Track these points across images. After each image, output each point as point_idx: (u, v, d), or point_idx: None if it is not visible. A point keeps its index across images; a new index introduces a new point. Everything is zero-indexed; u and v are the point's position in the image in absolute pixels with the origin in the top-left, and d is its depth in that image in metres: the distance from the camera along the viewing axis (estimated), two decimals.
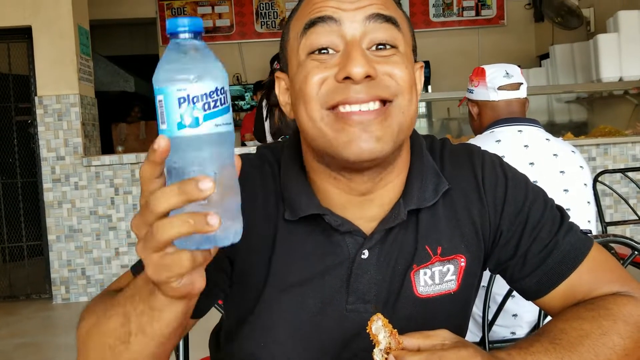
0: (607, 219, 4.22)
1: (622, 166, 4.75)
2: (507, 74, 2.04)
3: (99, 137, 5.32)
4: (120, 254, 4.89)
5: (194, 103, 0.59)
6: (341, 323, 0.93)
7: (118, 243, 4.88)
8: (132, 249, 4.86)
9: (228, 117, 0.62)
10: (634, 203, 4.68)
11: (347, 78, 0.80)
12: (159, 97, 0.61)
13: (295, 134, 0.96)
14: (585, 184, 1.92)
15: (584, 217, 1.88)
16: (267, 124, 4.71)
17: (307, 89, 0.83)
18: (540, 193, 1.00)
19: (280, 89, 0.96)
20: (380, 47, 0.84)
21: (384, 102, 0.83)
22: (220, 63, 0.63)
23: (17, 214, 5.15)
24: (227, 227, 0.62)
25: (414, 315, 0.93)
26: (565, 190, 1.85)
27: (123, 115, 8.02)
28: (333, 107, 0.82)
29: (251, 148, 5.02)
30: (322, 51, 0.84)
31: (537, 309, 1.74)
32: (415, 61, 0.92)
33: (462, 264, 0.95)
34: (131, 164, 4.84)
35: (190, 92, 0.59)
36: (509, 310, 1.79)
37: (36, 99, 4.84)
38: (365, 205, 0.91)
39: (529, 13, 8.22)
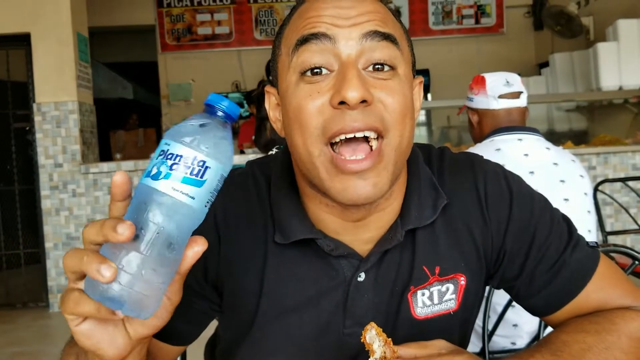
0: (608, 229, 4.21)
1: (622, 175, 4.74)
2: (508, 82, 2.03)
3: (97, 145, 5.30)
4: None
5: (166, 158, 0.59)
6: (339, 347, 0.90)
7: None
8: None
9: (195, 190, 0.60)
10: (634, 212, 4.66)
11: (342, 102, 0.75)
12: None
13: (286, 151, 0.90)
14: (585, 193, 1.90)
15: (584, 226, 1.86)
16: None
17: (304, 119, 0.78)
18: (547, 207, 0.95)
19: (271, 104, 0.90)
20: (377, 67, 0.78)
21: (377, 132, 0.77)
22: (231, 152, 0.63)
23: (15, 221, 5.13)
24: (135, 297, 0.58)
25: (412, 337, 0.87)
26: (565, 199, 1.84)
27: (121, 122, 8.02)
28: (330, 138, 0.77)
29: (249, 156, 5.00)
30: (315, 71, 0.78)
31: (537, 319, 1.73)
32: (414, 76, 0.88)
33: (462, 282, 0.91)
34: (129, 171, 4.82)
35: (171, 149, 0.60)
36: (509, 320, 1.77)
37: (34, 105, 4.82)
38: (360, 229, 0.87)
39: (529, 21, 8.23)
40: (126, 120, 8.06)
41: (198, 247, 0.63)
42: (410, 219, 0.87)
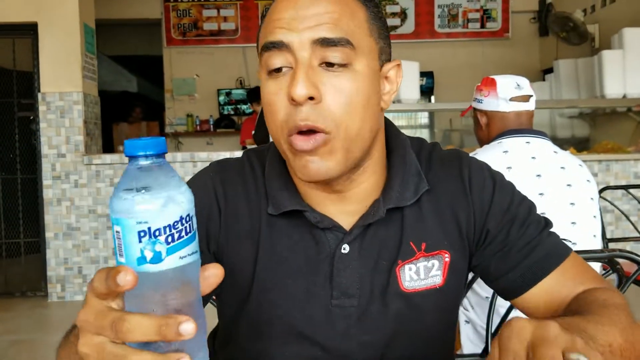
0: (608, 236, 4.21)
1: (623, 183, 4.74)
2: (518, 85, 2.04)
3: (100, 136, 5.30)
4: None
5: (155, 237, 0.54)
6: (329, 318, 0.94)
7: None
8: None
9: (194, 245, 0.57)
10: (635, 220, 4.66)
11: (294, 100, 0.82)
12: (116, 228, 0.54)
13: None
14: (591, 198, 1.91)
15: (589, 231, 1.87)
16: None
17: (272, 114, 0.87)
18: (525, 198, 1.02)
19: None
20: (329, 64, 0.84)
21: (323, 131, 0.84)
22: (185, 185, 0.57)
23: (16, 210, 5.13)
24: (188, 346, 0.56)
25: (402, 310, 0.95)
26: (571, 203, 1.84)
27: (124, 115, 8.02)
28: (288, 132, 0.85)
29: None
30: (277, 69, 0.86)
31: None
32: (385, 61, 0.92)
33: (447, 259, 0.97)
34: None
35: (152, 225, 0.54)
36: None
37: (39, 95, 4.82)
38: (343, 201, 0.94)
39: (534, 27, 8.25)
40: (129, 114, 8.07)
41: (215, 270, 0.62)
42: (391, 199, 0.94)
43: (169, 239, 0.54)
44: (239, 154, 4.99)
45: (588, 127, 6.23)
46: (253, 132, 6.12)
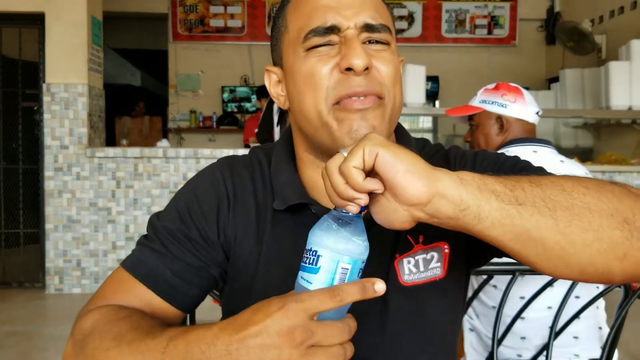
0: None
1: None
2: (532, 99, 2.08)
3: (104, 129, 5.29)
4: (117, 247, 4.85)
5: (359, 274, 0.72)
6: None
7: (116, 237, 4.85)
8: (129, 244, 4.83)
9: None
10: None
11: (348, 69, 0.86)
12: (344, 265, 0.70)
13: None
14: None
15: None
16: (277, 130, 4.71)
17: (317, 81, 0.88)
18: (516, 157, 0.99)
19: (272, 82, 1.01)
20: (373, 41, 0.90)
21: (378, 96, 0.88)
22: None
23: (17, 200, 5.12)
24: None
25: (403, 304, 0.93)
26: None
27: (127, 109, 8.01)
28: (338, 102, 0.87)
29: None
30: (322, 45, 0.89)
31: (546, 333, 1.72)
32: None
33: (447, 250, 0.95)
34: (135, 157, 4.82)
35: (363, 266, 0.72)
36: (517, 332, 1.77)
37: (44, 86, 4.81)
38: None
39: (541, 35, 8.24)
40: (132, 108, 8.05)
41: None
42: None
43: (361, 275, 0.72)
44: (242, 151, 4.97)
45: (592, 137, 6.22)
46: (256, 130, 6.12)
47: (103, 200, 4.84)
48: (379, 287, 0.67)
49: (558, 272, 0.72)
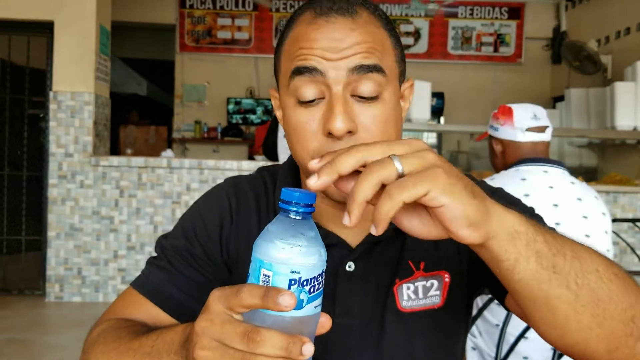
0: None
1: (630, 216, 4.72)
2: (535, 116, 2.03)
3: (109, 138, 5.30)
4: (118, 256, 4.84)
5: (303, 286, 0.60)
6: (330, 336, 0.92)
7: (117, 246, 4.84)
8: (131, 253, 4.82)
9: (322, 297, 0.64)
10: None
11: (331, 134, 0.83)
12: (265, 271, 0.60)
13: None
14: (605, 232, 1.89)
15: None
16: (282, 143, 4.70)
17: (302, 141, 0.86)
18: (529, 207, 0.99)
19: (276, 105, 1.00)
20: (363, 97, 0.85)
21: None
22: (322, 242, 0.64)
23: (19, 207, 5.12)
24: None
25: (399, 330, 0.93)
26: (586, 235, 1.82)
27: (119, 118, 7.98)
28: None
29: (260, 162, 5.00)
30: (309, 101, 0.85)
31: (549, 353, 1.71)
32: (404, 80, 0.94)
33: (447, 279, 0.95)
34: (139, 167, 4.82)
35: (303, 276, 0.60)
36: (520, 351, 1.76)
37: (51, 93, 4.83)
38: None
39: (547, 54, 8.26)
40: (124, 117, 8.06)
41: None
42: None
43: (311, 290, 0.61)
44: (245, 163, 4.97)
45: (596, 157, 6.21)
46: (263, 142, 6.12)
47: (106, 209, 4.83)
48: (284, 300, 0.57)
49: (548, 338, 0.72)
